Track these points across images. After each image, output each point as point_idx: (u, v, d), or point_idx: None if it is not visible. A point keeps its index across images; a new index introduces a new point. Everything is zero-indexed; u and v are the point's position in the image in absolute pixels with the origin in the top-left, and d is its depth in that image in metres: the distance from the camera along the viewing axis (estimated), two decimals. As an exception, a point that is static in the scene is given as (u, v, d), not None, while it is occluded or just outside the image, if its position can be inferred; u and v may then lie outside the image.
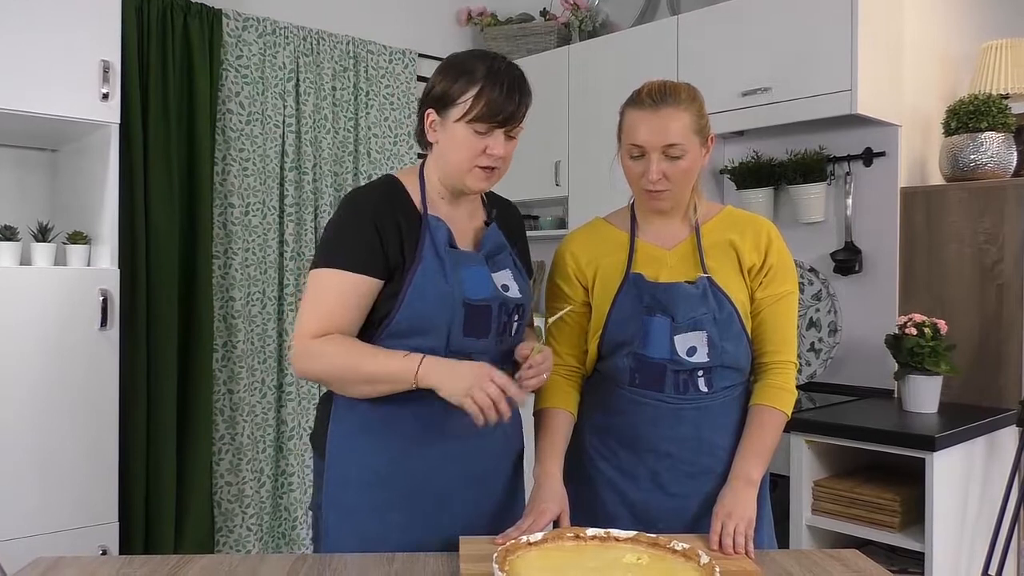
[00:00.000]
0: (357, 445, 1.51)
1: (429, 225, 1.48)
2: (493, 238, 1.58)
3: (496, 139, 1.46)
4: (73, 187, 2.81)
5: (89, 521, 2.49)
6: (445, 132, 1.48)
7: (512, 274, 1.57)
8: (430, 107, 1.50)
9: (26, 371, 2.38)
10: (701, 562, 1.19)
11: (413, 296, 1.44)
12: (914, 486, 2.28)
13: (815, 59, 2.71)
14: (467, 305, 1.46)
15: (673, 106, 1.52)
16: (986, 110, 2.68)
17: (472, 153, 1.46)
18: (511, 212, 1.70)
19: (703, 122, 1.56)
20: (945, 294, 2.73)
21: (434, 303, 1.45)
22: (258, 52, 3.21)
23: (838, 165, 2.95)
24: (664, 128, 1.51)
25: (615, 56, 3.38)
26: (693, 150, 1.54)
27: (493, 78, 1.44)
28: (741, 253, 1.59)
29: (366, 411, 1.50)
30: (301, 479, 3.29)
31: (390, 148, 3.62)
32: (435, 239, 1.48)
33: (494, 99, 1.43)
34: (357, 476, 1.51)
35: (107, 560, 1.38)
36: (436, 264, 1.46)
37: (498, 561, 1.15)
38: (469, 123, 1.44)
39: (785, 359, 1.59)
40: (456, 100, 1.45)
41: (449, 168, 1.50)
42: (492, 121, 1.44)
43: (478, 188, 1.52)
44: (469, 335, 1.48)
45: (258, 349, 3.21)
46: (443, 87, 1.47)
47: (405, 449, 1.50)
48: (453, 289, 1.45)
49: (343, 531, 1.52)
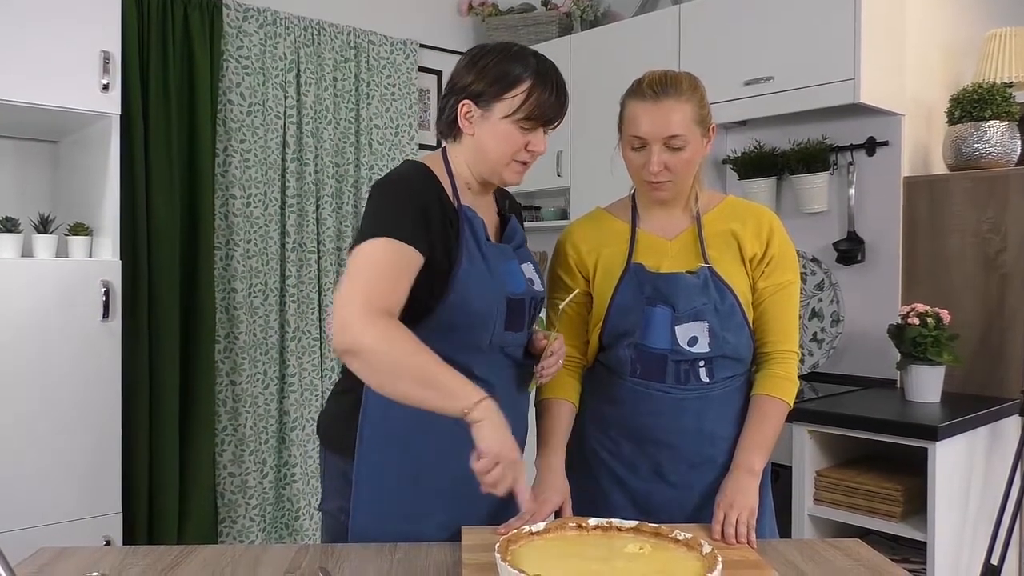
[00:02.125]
0: (395, 450, 1.46)
1: (466, 216, 1.46)
2: (517, 231, 1.58)
3: (538, 136, 1.48)
4: (74, 179, 2.81)
5: (92, 512, 2.50)
6: (486, 126, 1.46)
7: (534, 267, 1.58)
8: (467, 99, 1.47)
9: (29, 363, 2.38)
10: (703, 552, 1.18)
11: (460, 289, 1.41)
12: (916, 476, 2.28)
13: (818, 48, 2.69)
14: (509, 300, 1.47)
15: (675, 97, 1.51)
16: (990, 99, 2.67)
17: (514, 148, 1.46)
18: (515, 204, 1.70)
19: (704, 112, 1.55)
20: (948, 284, 2.72)
21: (482, 297, 1.43)
22: (259, 43, 3.19)
23: (841, 155, 2.94)
24: (665, 120, 1.51)
25: (617, 46, 3.36)
26: (694, 141, 1.54)
27: (542, 78, 1.45)
28: (743, 243, 1.58)
29: (402, 416, 1.41)
30: (304, 470, 3.30)
31: (391, 139, 3.61)
32: (475, 232, 1.46)
33: (544, 99, 1.44)
34: (394, 482, 1.46)
35: (110, 550, 1.39)
36: (479, 257, 1.45)
37: (500, 551, 1.15)
38: (516, 121, 1.44)
39: (787, 349, 1.59)
40: (502, 96, 1.44)
41: (488, 161, 1.48)
42: (540, 121, 1.46)
43: (514, 181, 1.52)
44: (509, 329, 1.48)
45: (260, 341, 3.21)
46: (487, 82, 1.45)
47: (446, 445, 1.42)
48: (497, 284, 1.45)
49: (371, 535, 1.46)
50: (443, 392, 1.30)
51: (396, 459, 1.46)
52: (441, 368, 1.31)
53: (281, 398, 3.29)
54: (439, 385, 1.30)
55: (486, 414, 1.28)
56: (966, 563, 2.34)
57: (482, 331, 1.44)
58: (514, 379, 1.55)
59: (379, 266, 1.35)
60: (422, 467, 1.46)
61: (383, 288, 1.34)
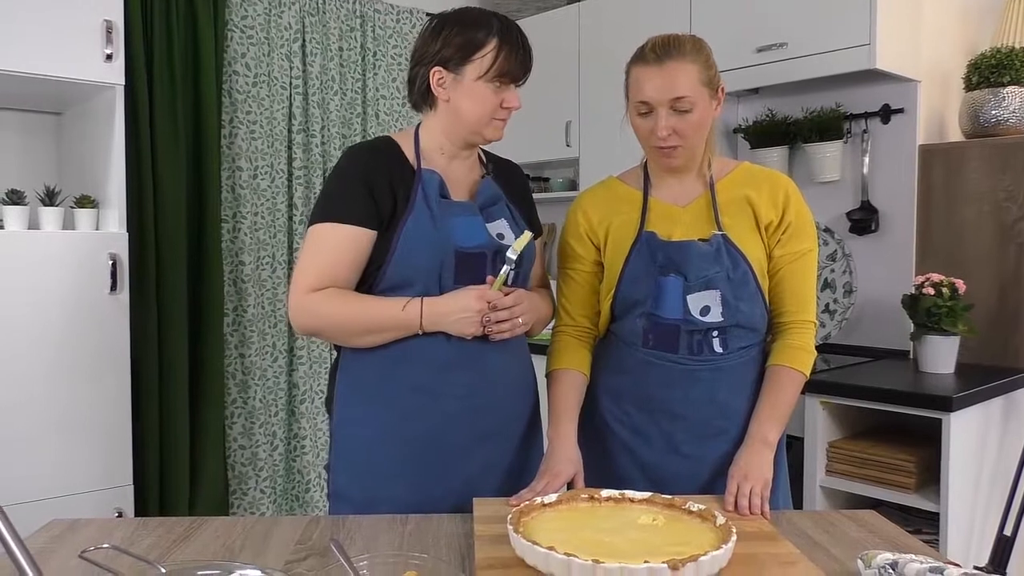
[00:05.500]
0: (363, 402, 1.53)
1: (422, 178, 1.51)
2: (488, 189, 1.59)
3: (511, 92, 1.53)
4: (79, 150, 2.79)
5: (104, 484, 2.51)
6: (460, 89, 1.51)
7: (508, 224, 1.58)
8: (438, 66, 1.51)
9: (38, 337, 2.37)
10: (717, 523, 1.17)
11: (403, 245, 1.47)
12: (929, 447, 2.27)
13: (833, 12, 2.64)
14: (458, 253, 1.48)
15: (678, 59, 1.49)
16: (1008, 64, 2.62)
17: (490, 107, 1.51)
18: (513, 171, 1.71)
19: (711, 73, 1.52)
20: (963, 253, 2.68)
21: (424, 251, 1.47)
22: (263, 12, 3.15)
23: (855, 123, 2.90)
24: (670, 82, 1.48)
25: (626, 13, 3.31)
26: (702, 102, 1.50)
27: (507, 37, 1.50)
28: (758, 209, 1.55)
29: (371, 368, 1.51)
30: (313, 442, 3.31)
31: (399, 109, 3.57)
32: (427, 190, 1.50)
33: (512, 56, 1.49)
34: (363, 434, 1.53)
35: (122, 522, 1.38)
36: (426, 213, 1.48)
37: (512, 522, 1.14)
38: (488, 80, 1.49)
39: (804, 319, 1.57)
40: (471, 58, 1.48)
41: (467, 123, 1.53)
42: (510, 77, 1.51)
43: (495, 137, 1.57)
44: (461, 282, 1.49)
45: (268, 313, 3.21)
46: (455, 47, 1.49)
47: (411, 405, 1.50)
48: (442, 236, 1.47)
49: (352, 490, 1.54)
50: (390, 328, 1.47)
51: (363, 417, 1.53)
52: (374, 308, 1.47)
53: (290, 371, 3.30)
54: (383, 325, 1.47)
55: (432, 318, 1.45)
56: (979, 534, 2.33)
57: (428, 282, 1.48)
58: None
59: (322, 250, 1.48)
60: (391, 421, 1.51)
61: (322, 271, 1.47)
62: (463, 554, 1.22)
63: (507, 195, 1.62)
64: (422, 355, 1.49)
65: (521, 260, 1.53)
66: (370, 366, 1.52)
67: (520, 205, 1.65)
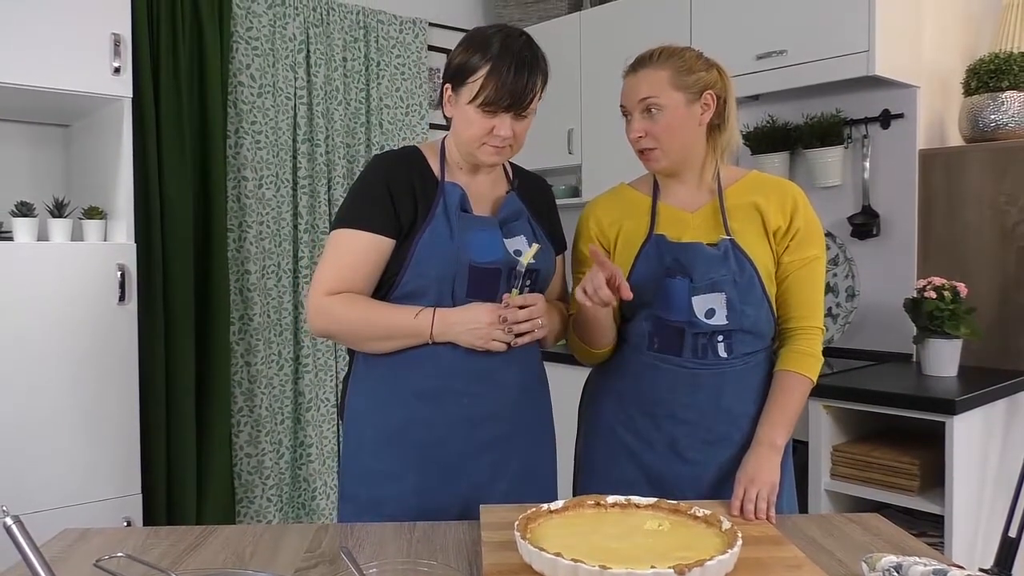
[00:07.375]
0: (372, 406, 1.56)
1: (444, 190, 1.53)
2: (510, 205, 1.60)
3: (503, 121, 1.48)
4: (87, 162, 2.81)
5: (113, 493, 2.53)
6: (457, 109, 1.53)
7: (527, 240, 1.58)
8: (448, 82, 1.53)
9: (47, 347, 2.39)
10: (723, 528, 1.19)
11: (418, 255, 1.49)
12: (932, 450, 2.28)
13: (832, 19, 2.65)
14: (472, 267, 1.49)
15: (649, 67, 1.57)
16: (1007, 68, 2.63)
17: (480, 132, 1.49)
18: (539, 187, 1.72)
19: (687, 79, 1.55)
20: (964, 257, 2.70)
21: (438, 262, 1.49)
22: (268, 23, 3.18)
23: (855, 128, 2.91)
24: (638, 86, 1.56)
25: (628, 22, 3.33)
26: (672, 105, 1.54)
27: (502, 60, 1.44)
28: (766, 215, 1.57)
29: (381, 375, 1.54)
30: (320, 450, 3.32)
31: (402, 119, 3.60)
32: (448, 203, 1.51)
33: (501, 84, 1.44)
34: (372, 437, 1.55)
35: (133, 531, 1.40)
36: (444, 226, 1.50)
37: (519, 529, 1.15)
38: (478, 107, 1.47)
39: (812, 324, 1.58)
40: (466, 80, 1.48)
41: (462, 143, 1.54)
42: (498, 106, 1.46)
43: (491, 162, 1.54)
44: (473, 296, 1.50)
45: (274, 322, 3.22)
46: (458, 64, 1.50)
47: (418, 410, 1.52)
48: (458, 250, 1.49)
49: (359, 494, 1.55)
50: (401, 335, 1.49)
51: (372, 420, 1.56)
52: (388, 314, 1.50)
53: (296, 379, 3.31)
54: (395, 332, 1.49)
55: (442, 328, 1.47)
56: (983, 536, 2.34)
57: (443, 296, 1.50)
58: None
59: (342, 255, 1.51)
60: (398, 425, 1.53)
61: (341, 275, 1.50)
62: (471, 560, 1.23)
63: (531, 211, 1.62)
64: (430, 362, 1.51)
65: (536, 274, 1.54)
66: (380, 373, 1.54)
67: (543, 221, 1.65)
